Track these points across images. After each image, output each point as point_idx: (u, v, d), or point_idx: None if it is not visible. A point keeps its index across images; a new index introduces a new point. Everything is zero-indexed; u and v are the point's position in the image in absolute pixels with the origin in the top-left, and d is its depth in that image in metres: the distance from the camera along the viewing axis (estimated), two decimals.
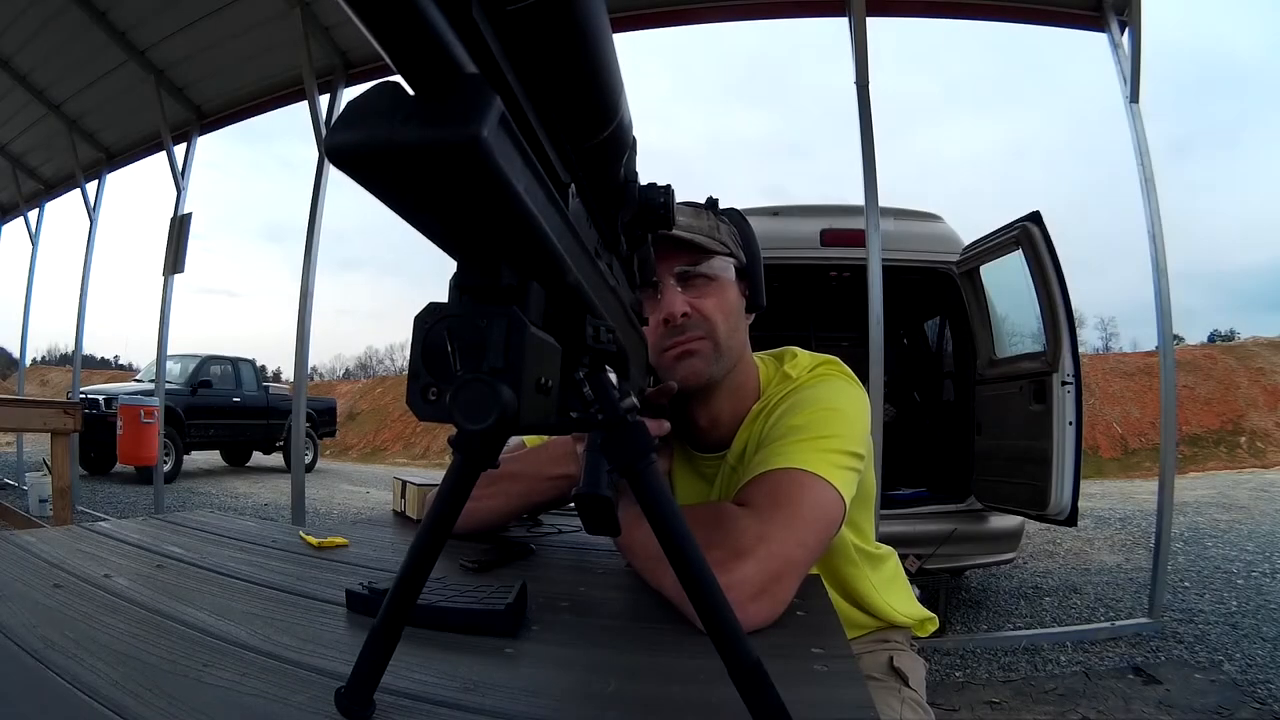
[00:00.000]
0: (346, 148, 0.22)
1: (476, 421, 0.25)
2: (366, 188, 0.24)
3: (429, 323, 0.28)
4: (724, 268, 0.81)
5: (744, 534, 0.63)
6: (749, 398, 0.87)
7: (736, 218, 0.87)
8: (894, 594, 0.97)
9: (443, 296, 0.30)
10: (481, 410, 0.25)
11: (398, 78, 0.24)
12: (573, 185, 0.35)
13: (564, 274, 0.30)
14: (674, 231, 0.75)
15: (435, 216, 0.26)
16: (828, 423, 0.75)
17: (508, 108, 0.24)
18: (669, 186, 0.48)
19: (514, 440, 1.05)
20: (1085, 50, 3.36)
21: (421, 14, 0.20)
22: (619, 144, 0.37)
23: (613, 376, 0.42)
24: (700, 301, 0.79)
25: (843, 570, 0.90)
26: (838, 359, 0.89)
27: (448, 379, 0.27)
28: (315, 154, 3.95)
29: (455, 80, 0.22)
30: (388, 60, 0.22)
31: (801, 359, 0.89)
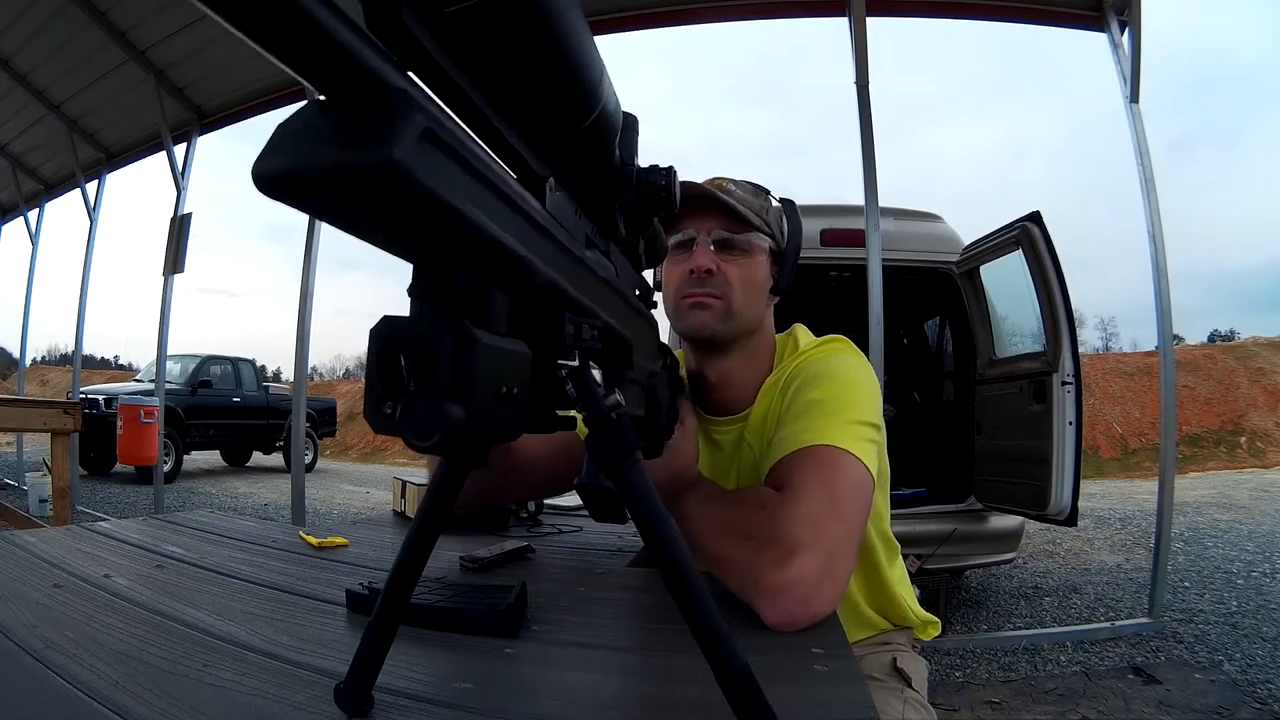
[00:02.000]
0: (268, 176, 0.21)
1: (422, 439, 0.25)
2: (302, 212, 0.23)
3: (384, 335, 0.27)
4: (759, 243, 0.85)
5: (792, 524, 0.64)
6: (762, 367, 0.90)
7: (789, 209, 0.91)
8: (906, 590, 0.97)
9: None
10: (426, 428, 0.25)
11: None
12: (551, 179, 0.34)
13: (531, 276, 0.30)
14: (725, 198, 0.81)
15: (380, 234, 0.25)
16: (847, 396, 0.78)
17: (458, 110, 0.23)
18: (671, 168, 0.47)
19: None
20: (1086, 50, 3.35)
21: (324, 32, 0.19)
22: (605, 130, 0.36)
23: (597, 373, 0.41)
24: (726, 266, 0.83)
25: (868, 556, 0.90)
26: (843, 337, 0.92)
27: (401, 393, 0.26)
28: None
29: (376, 96, 0.21)
30: (299, 79, 0.21)
31: (807, 332, 0.94)
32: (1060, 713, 2.12)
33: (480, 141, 0.28)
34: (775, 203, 0.90)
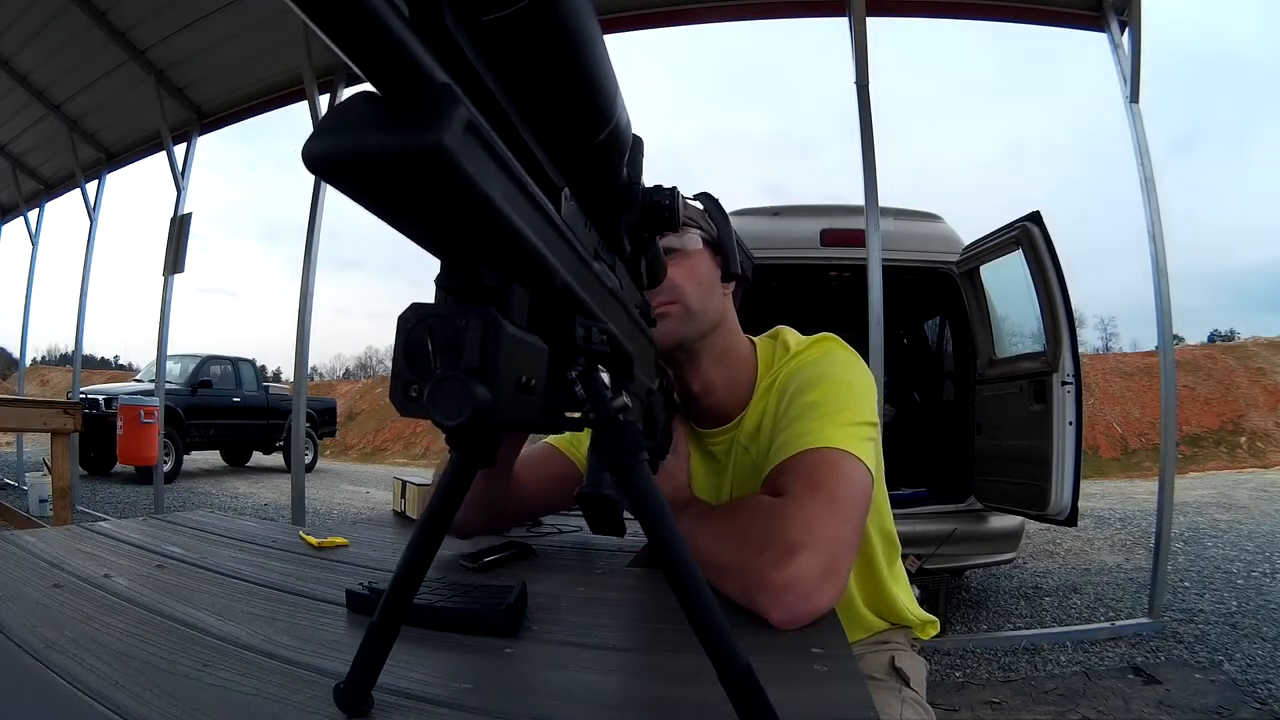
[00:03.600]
0: (319, 156, 0.23)
1: (451, 418, 0.26)
2: (345, 194, 0.24)
3: (411, 322, 0.28)
4: (690, 240, 0.84)
5: (791, 525, 0.64)
6: (741, 367, 0.89)
7: (703, 198, 0.90)
8: (903, 589, 0.97)
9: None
10: (456, 407, 0.26)
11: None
12: (566, 189, 0.35)
13: (550, 276, 0.31)
14: None
15: (413, 220, 0.27)
16: (844, 396, 0.77)
17: (487, 114, 0.24)
18: (675, 189, 0.48)
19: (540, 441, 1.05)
20: (1087, 49, 3.34)
21: (385, 28, 0.21)
22: (616, 147, 0.38)
23: (605, 376, 0.42)
24: (669, 272, 0.81)
25: (868, 554, 0.90)
26: (834, 335, 0.91)
27: (428, 377, 0.27)
28: None
29: (424, 89, 0.23)
30: (358, 72, 0.23)
31: (795, 333, 0.92)
32: (1060, 713, 2.12)
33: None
34: (691, 200, 0.88)
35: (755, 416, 0.86)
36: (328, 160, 0.23)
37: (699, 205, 0.89)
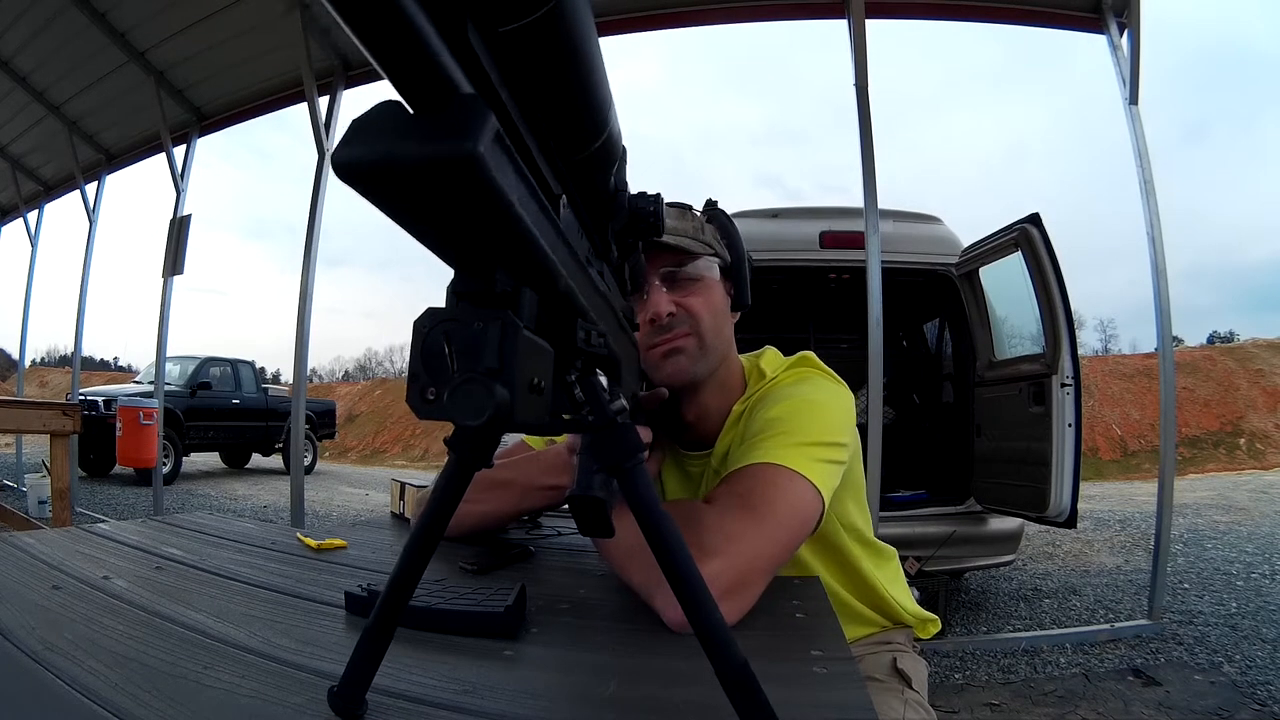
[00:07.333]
0: (352, 164, 0.24)
1: (473, 418, 0.27)
2: (370, 200, 0.25)
3: (428, 326, 0.29)
4: (708, 268, 0.82)
5: (712, 532, 0.63)
6: (734, 394, 0.88)
7: (721, 218, 0.88)
8: (900, 591, 0.97)
9: (440, 299, 0.31)
10: (477, 407, 0.27)
11: (398, 97, 0.25)
12: (564, 196, 0.36)
13: (555, 280, 0.32)
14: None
15: (435, 227, 0.27)
16: (805, 415, 0.75)
17: (502, 124, 0.25)
18: (658, 195, 0.48)
19: (514, 440, 1.05)
20: (1089, 48, 3.34)
21: (421, 39, 0.22)
22: (608, 156, 0.39)
23: (603, 379, 0.42)
24: (686, 300, 0.80)
25: (850, 562, 0.90)
26: (811, 354, 0.89)
27: (446, 380, 0.28)
28: (307, 153, 3.94)
29: (452, 99, 0.24)
30: (390, 82, 0.24)
31: (776, 356, 0.91)
32: (1060, 715, 2.12)
33: None
34: (705, 219, 0.85)
35: (726, 442, 0.85)
36: (360, 168, 0.24)
37: (715, 227, 0.86)
